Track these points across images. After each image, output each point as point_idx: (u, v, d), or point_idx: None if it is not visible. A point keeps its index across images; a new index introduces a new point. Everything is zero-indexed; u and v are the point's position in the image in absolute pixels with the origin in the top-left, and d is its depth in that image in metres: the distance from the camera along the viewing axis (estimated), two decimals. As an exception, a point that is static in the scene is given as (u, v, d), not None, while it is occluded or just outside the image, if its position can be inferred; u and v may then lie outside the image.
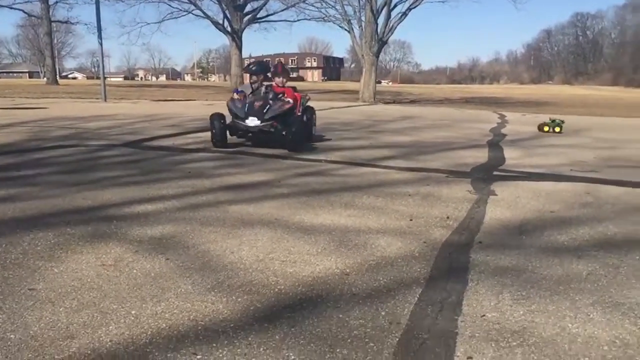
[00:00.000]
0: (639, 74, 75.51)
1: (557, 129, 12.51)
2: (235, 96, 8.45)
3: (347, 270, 3.26)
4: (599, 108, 26.04)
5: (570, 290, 3.03)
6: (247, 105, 8.10)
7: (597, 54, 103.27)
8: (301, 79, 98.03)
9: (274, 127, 8.00)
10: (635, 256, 3.62)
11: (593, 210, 4.88)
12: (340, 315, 2.65)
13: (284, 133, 7.95)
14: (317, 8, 31.73)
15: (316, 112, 9.84)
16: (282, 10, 38.61)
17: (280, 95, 8.35)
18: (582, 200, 5.30)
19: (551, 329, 2.56)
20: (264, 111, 7.98)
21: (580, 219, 4.59)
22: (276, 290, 2.94)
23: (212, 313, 2.62)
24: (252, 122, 7.98)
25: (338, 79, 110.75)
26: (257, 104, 8.07)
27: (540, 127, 12.75)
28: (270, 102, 8.15)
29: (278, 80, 8.77)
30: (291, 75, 11.15)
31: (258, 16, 39.81)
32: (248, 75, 9.06)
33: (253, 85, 8.77)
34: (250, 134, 8.29)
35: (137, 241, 3.70)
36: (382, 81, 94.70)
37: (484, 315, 2.69)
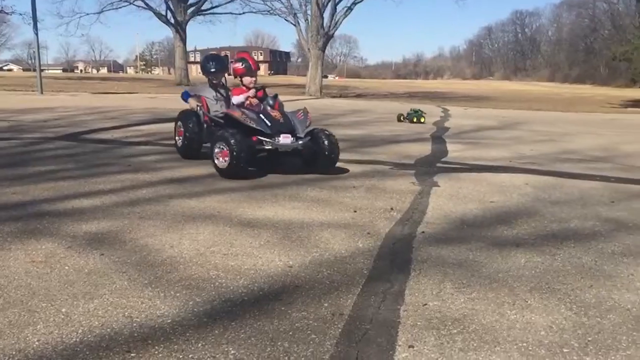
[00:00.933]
0: (574, 70, 78.58)
1: (422, 120, 12.81)
2: (194, 103, 6.51)
3: (291, 263, 3.22)
4: (537, 103, 26.92)
5: (509, 278, 3.08)
6: (263, 117, 5.81)
7: (535, 51, 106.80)
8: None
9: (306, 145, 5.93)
10: (571, 244, 3.73)
11: (531, 201, 5.01)
12: (283, 308, 2.60)
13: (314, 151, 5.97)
14: (263, 1, 31.49)
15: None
16: (227, 3, 38.12)
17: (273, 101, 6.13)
18: (521, 190, 5.43)
19: (491, 315, 2.59)
20: (293, 125, 5.90)
21: (519, 208, 4.70)
22: (217, 284, 2.86)
23: (149, 309, 2.52)
24: (286, 139, 5.73)
25: (285, 73, 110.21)
26: (274, 114, 5.89)
27: (401, 118, 13.07)
28: (269, 109, 5.99)
29: (247, 79, 6.27)
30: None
31: (202, 8, 39.13)
32: (206, 74, 6.75)
33: (219, 90, 6.65)
34: (263, 155, 5.96)
35: (71, 237, 3.53)
36: (329, 75, 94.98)
37: (425, 304, 2.70)
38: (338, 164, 6.13)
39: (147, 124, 10.09)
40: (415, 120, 12.84)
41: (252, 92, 6.20)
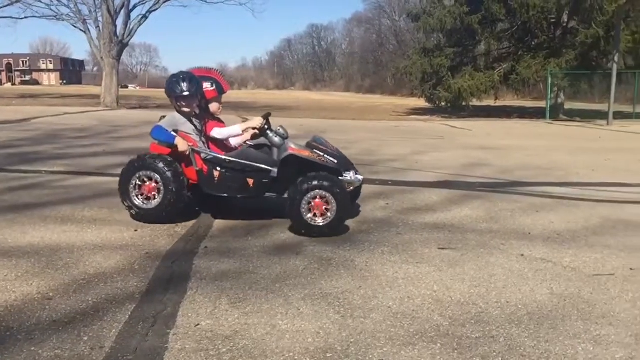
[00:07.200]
0: (366, 81, 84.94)
1: None
2: (184, 145, 4.46)
3: (51, 295, 2.89)
4: (333, 112, 28.48)
5: (285, 287, 3.11)
6: (319, 152, 4.62)
7: (331, 63, 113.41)
8: (36, 82, 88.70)
9: None
10: (347, 248, 3.91)
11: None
12: (33, 348, 2.31)
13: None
14: (47, 5, 28.85)
15: (48, 118, 8.83)
16: (5, 6, 34.27)
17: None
18: (308, 197, 5.60)
19: (263, 328, 2.57)
20: (341, 156, 4.80)
21: (304, 215, 4.82)
22: (-50, 330, 2.44)
23: None
24: (351, 176, 4.65)
25: (80, 82, 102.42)
26: (324, 147, 4.74)
27: None
28: (278, 139, 4.75)
29: (215, 106, 4.90)
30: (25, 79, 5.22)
31: (-26, 10, 34.74)
32: (175, 101, 4.65)
33: (195, 121, 4.71)
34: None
35: None
36: (130, 85, 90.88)
37: (198, 325, 2.59)
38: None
39: None
40: None
41: (257, 121, 4.80)
